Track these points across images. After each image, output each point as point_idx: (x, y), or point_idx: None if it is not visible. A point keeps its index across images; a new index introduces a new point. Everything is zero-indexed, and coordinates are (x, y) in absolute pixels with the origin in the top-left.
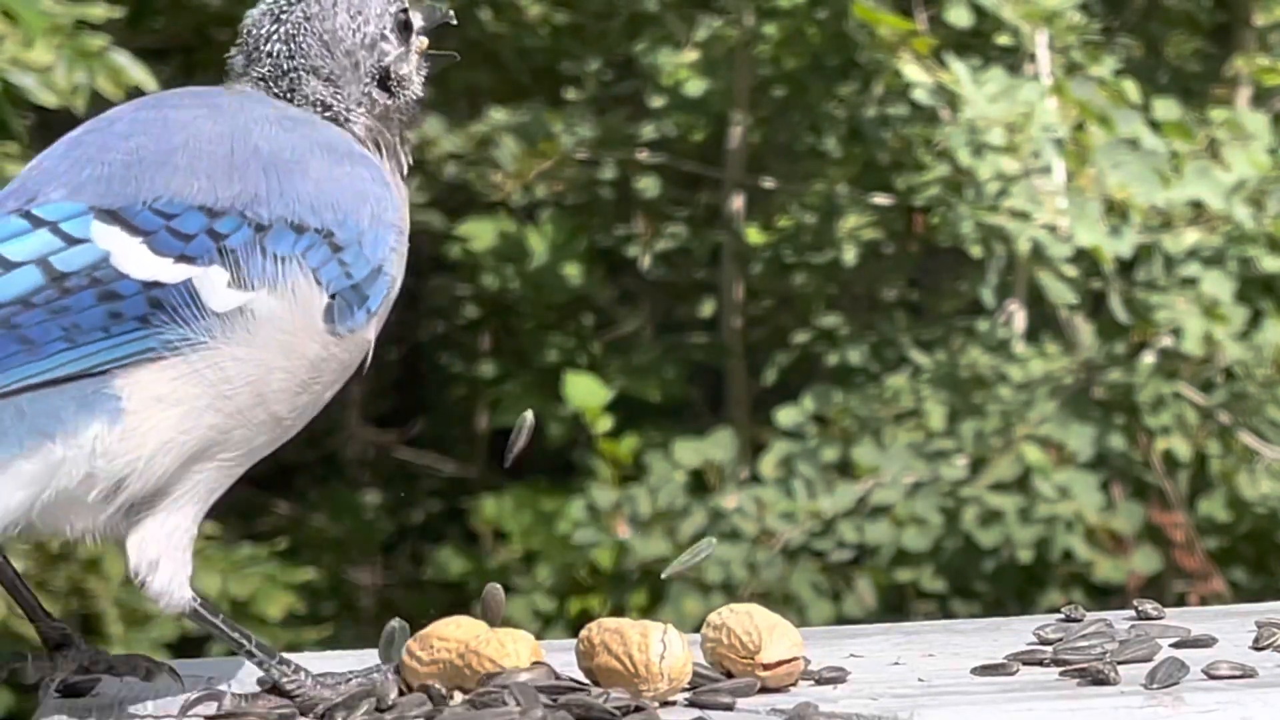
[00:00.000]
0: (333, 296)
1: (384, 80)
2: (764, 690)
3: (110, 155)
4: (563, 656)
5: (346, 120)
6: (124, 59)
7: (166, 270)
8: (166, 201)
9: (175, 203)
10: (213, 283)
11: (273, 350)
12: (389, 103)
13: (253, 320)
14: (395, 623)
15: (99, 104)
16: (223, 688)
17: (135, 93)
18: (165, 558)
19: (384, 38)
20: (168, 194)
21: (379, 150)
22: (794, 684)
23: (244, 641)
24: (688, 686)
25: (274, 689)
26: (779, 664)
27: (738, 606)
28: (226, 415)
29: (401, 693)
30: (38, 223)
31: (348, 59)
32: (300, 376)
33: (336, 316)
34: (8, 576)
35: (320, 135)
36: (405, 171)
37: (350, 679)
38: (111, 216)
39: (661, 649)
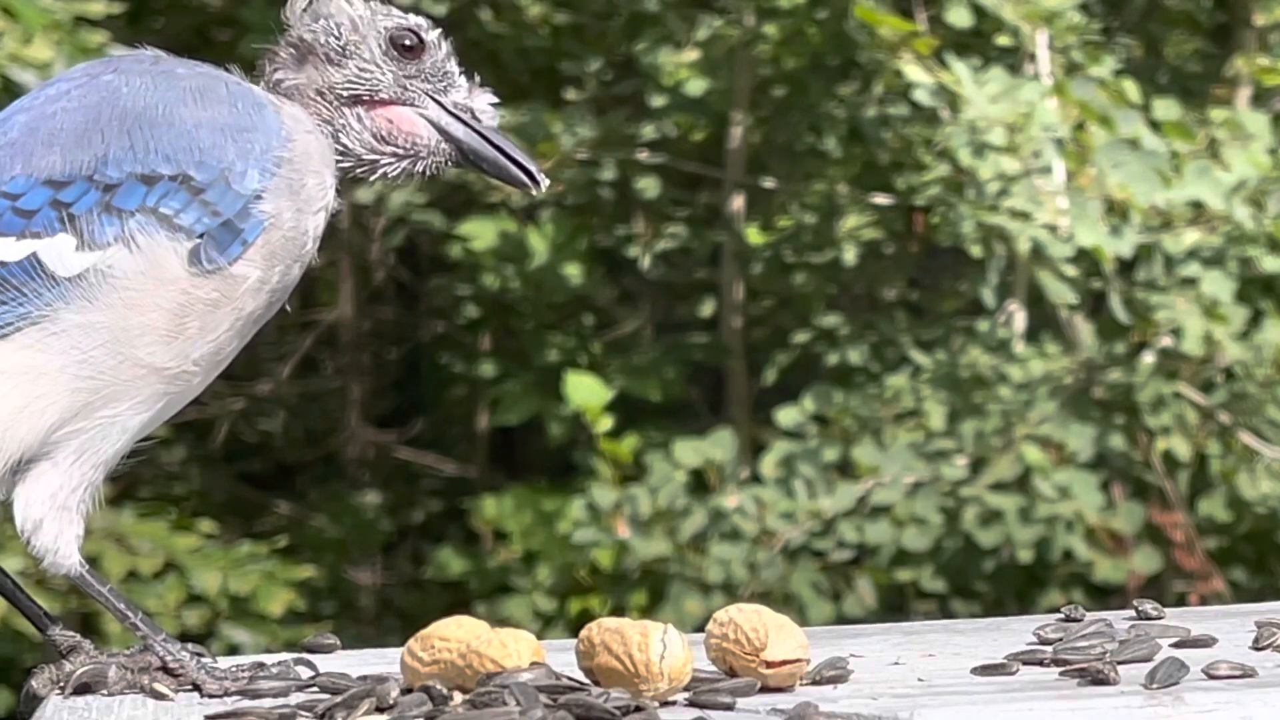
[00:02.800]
0: (200, 236)
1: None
2: (764, 690)
3: (3, 130)
4: (563, 656)
5: (274, 79)
6: None
7: (9, 249)
8: (11, 182)
9: (19, 182)
10: (58, 250)
11: (120, 308)
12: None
13: (101, 279)
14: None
15: None
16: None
17: None
18: (49, 518)
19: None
20: (19, 174)
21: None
22: (795, 685)
23: (130, 614)
24: (688, 686)
25: (161, 665)
26: (783, 663)
27: (745, 606)
28: (87, 377)
29: (402, 693)
30: None
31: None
32: (161, 325)
33: (205, 255)
34: (6, 587)
35: (204, 83)
36: (345, 136)
37: (245, 671)
38: None
39: (662, 649)
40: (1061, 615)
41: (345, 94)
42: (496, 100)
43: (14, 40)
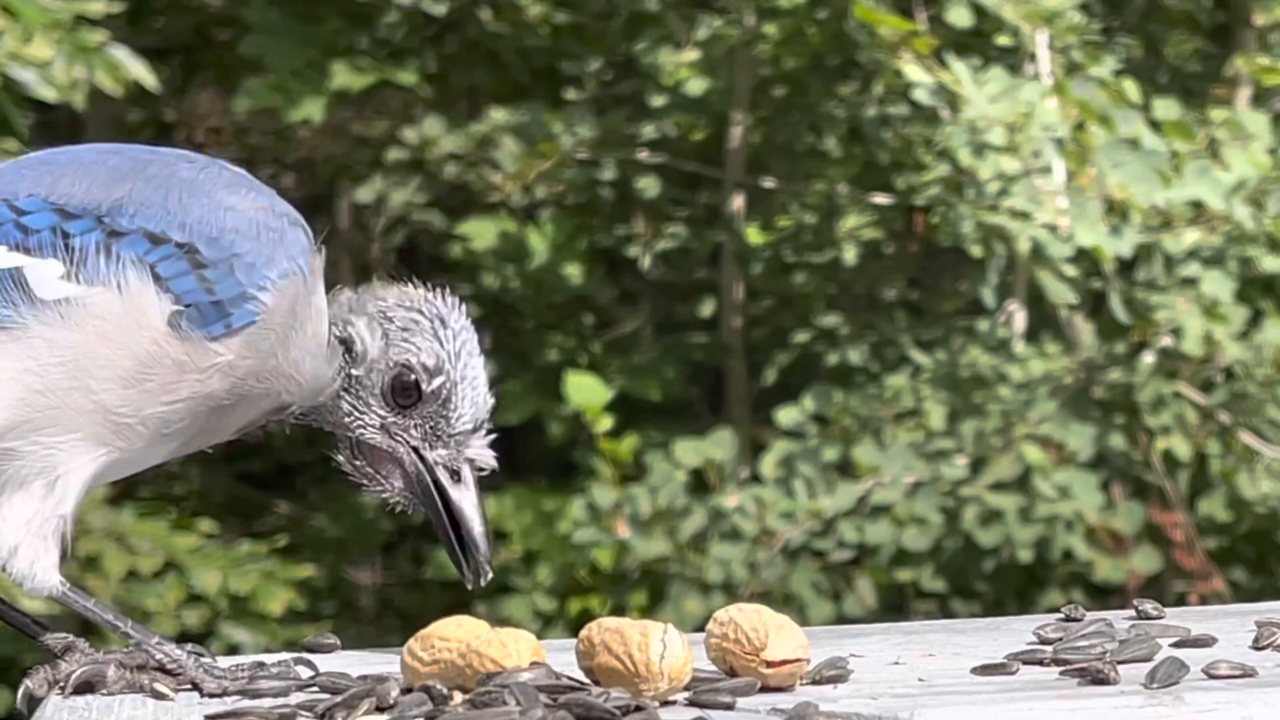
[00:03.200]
0: (187, 305)
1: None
2: (764, 690)
3: (35, 161)
4: (563, 656)
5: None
6: (122, 54)
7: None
8: (27, 199)
9: (32, 201)
10: (44, 274)
11: (90, 336)
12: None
13: (78, 309)
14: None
15: (98, 99)
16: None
17: (134, 88)
18: (24, 545)
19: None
20: (36, 192)
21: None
22: (795, 685)
23: (119, 624)
24: (688, 686)
25: (158, 666)
26: (783, 663)
27: (745, 605)
28: (36, 391)
29: (402, 693)
30: None
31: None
32: (125, 366)
33: (185, 322)
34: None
35: (257, 187)
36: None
37: (244, 670)
38: None
39: (662, 649)
40: (1061, 615)
41: (338, 415)
42: (492, 456)
43: (14, 39)
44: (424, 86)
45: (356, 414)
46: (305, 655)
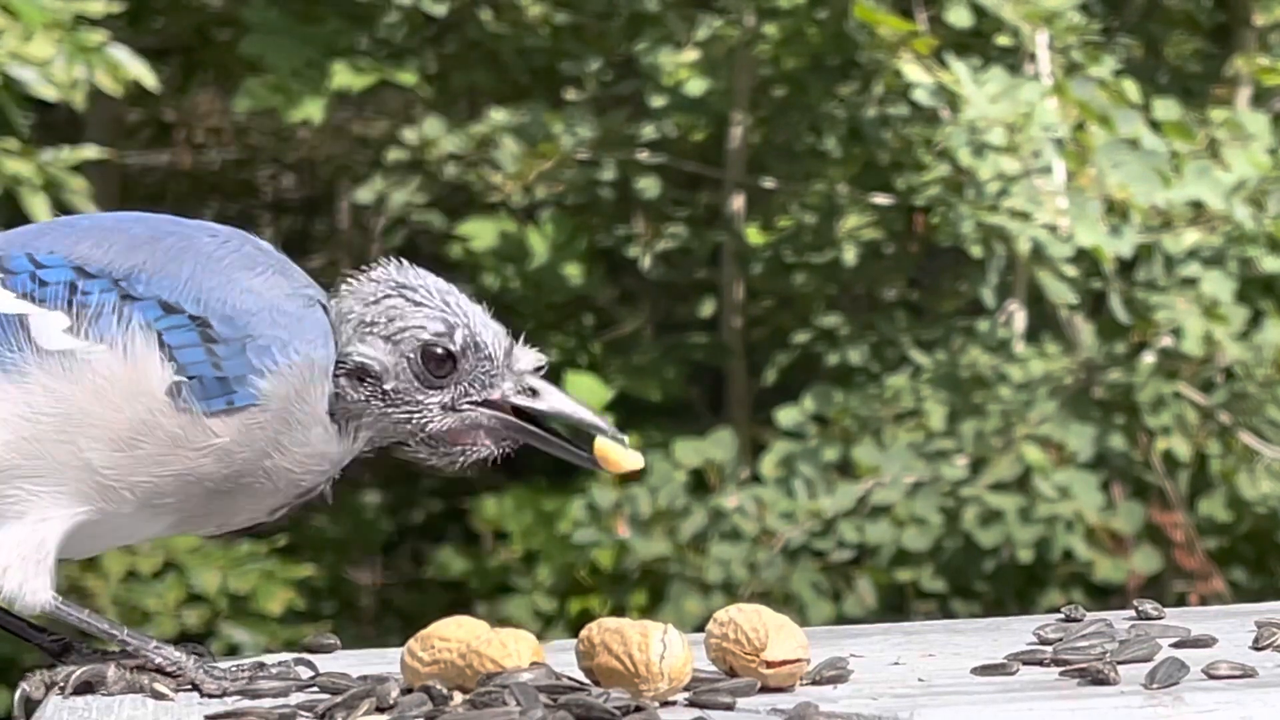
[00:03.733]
0: (191, 377)
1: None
2: (764, 690)
3: (60, 224)
4: (563, 656)
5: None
6: (122, 54)
7: (7, 303)
8: (48, 254)
9: (54, 257)
10: (48, 324)
11: (87, 392)
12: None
13: (80, 363)
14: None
15: (98, 99)
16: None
17: (134, 87)
18: (14, 565)
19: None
20: (57, 249)
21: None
22: (795, 685)
23: (115, 632)
24: (688, 686)
25: (157, 670)
26: (783, 663)
27: (745, 606)
28: (25, 438)
29: (402, 693)
30: None
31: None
32: (117, 429)
33: (187, 392)
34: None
35: (279, 267)
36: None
37: (244, 671)
38: None
39: (661, 649)
40: (1061, 615)
41: (399, 428)
42: (541, 360)
43: (14, 38)
44: (424, 86)
45: (414, 417)
46: (305, 655)
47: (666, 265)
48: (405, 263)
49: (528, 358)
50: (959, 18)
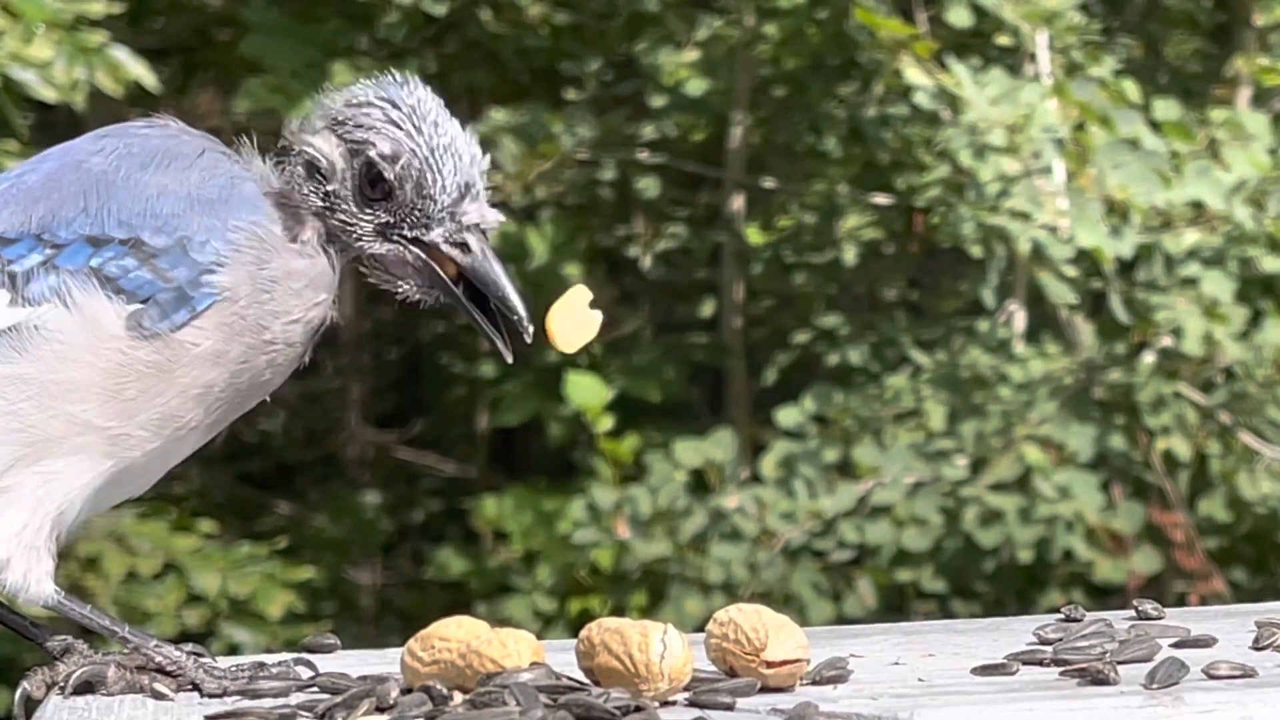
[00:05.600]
0: (145, 301)
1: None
2: (764, 690)
3: None
4: (563, 656)
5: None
6: (123, 54)
7: None
8: None
9: None
10: None
11: (49, 361)
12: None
13: (33, 333)
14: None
15: (98, 100)
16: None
17: (134, 88)
18: (16, 556)
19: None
20: None
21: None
22: (795, 685)
23: (117, 629)
24: (688, 686)
25: (158, 669)
26: (783, 663)
27: (745, 606)
28: (15, 430)
29: (402, 693)
30: None
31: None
32: (97, 382)
33: (146, 320)
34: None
35: (181, 150)
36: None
37: (244, 670)
38: None
39: (662, 649)
40: (1061, 615)
41: (340, 235)
42: (495, 214)
43: (14, 39)
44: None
45: (349, 229)
46: (305, 655)
47: (666, 265)
48: (415, 81)
49: (478, 212)
50: (959, 18)
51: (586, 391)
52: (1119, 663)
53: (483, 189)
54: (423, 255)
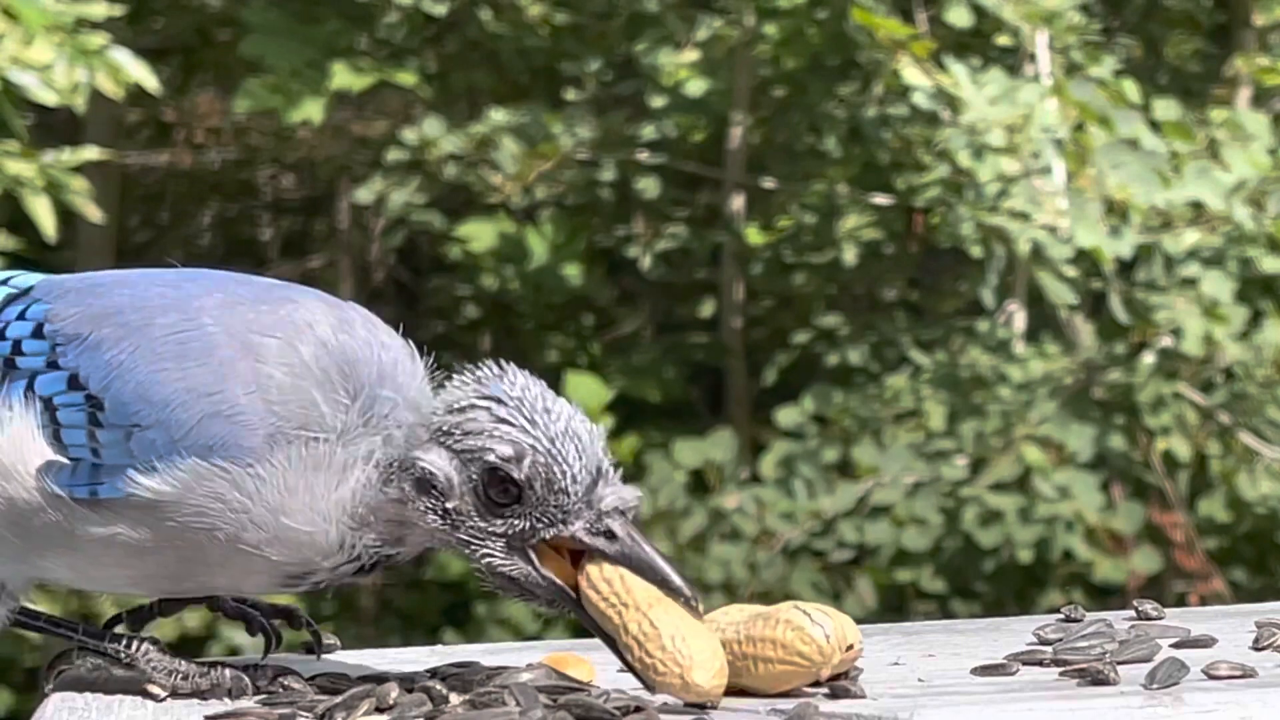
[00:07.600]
0: (73, 459)
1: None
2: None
3: (99, 278)
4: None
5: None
6: (123, 57)
7: None
8: (37, 307)
9: (38, 308)
10: None
11: None
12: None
13: None
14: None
15: (98, 100)
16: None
17: (135, 90)
18: None
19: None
20: (47, 300)
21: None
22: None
23: (71, 633)
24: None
25: (118, 663)
26: (849, 650)
27: (745, 606)
28: None
29: (402, 693)
30: None
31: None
32: (16, 497)
33: (53, 474)
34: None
35: (208, 345)
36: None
37: (207, 667)
38: None
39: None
40: (1061, 615)
41: (455, 551)
42: (633, 492)
43: (15, 42)
44: (424, 87)
45: (476, 547)
46: (304, 655)
47: (666, 265)
48: (507, 368)
49: (615, 495)
50: (959, 18)
51: (586, 391)
52: (1119, 663)
53: (611, 467)
54: (555, 582)
